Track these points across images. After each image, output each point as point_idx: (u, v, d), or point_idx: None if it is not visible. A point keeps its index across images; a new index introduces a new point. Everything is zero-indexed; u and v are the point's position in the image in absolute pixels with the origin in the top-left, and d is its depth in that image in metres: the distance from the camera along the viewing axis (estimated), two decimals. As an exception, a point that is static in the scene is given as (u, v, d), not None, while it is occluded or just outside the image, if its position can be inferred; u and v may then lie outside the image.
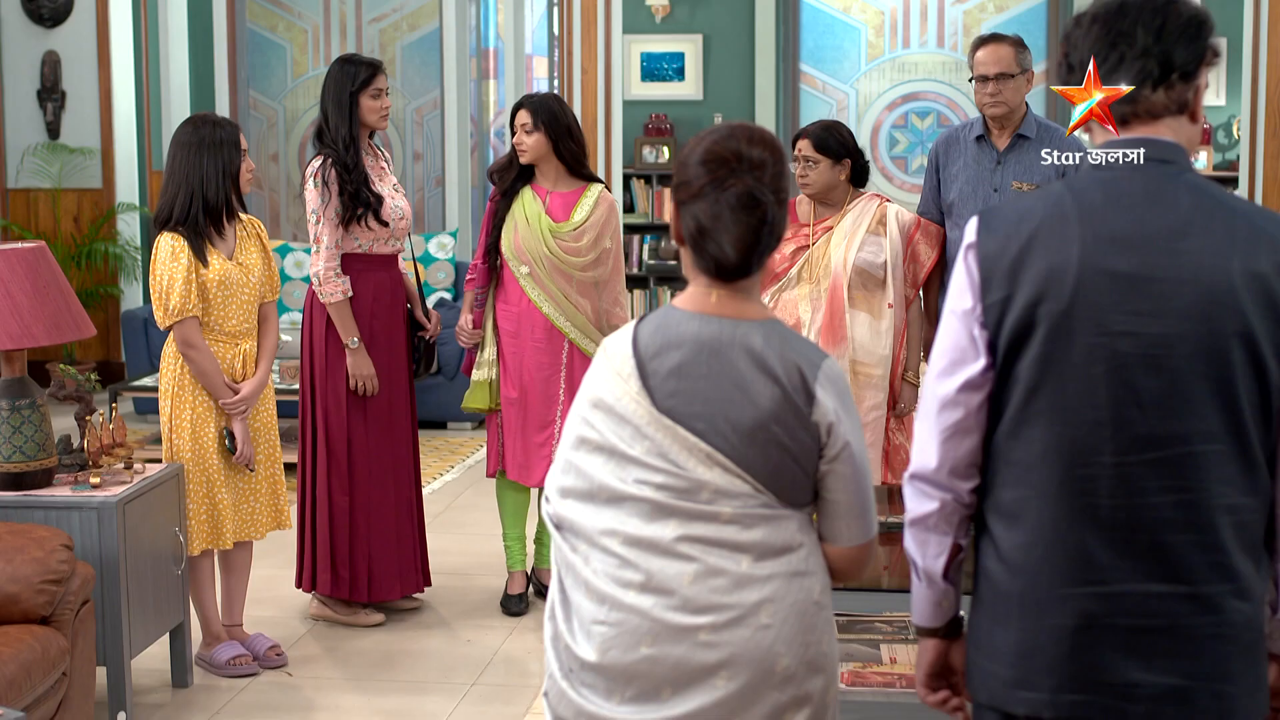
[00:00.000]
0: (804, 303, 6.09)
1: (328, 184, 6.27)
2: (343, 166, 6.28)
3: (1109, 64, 2.75)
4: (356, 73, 6.36)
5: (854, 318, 6.10)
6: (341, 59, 6.48)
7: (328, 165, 6.29)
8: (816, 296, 6.09)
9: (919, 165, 13.63)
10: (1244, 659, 2.75)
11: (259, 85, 12.79)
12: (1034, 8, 13.69)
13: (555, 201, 6.53)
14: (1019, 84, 6.33)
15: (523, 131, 6.48)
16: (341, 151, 6.29)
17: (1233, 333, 2.66)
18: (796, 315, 6.10)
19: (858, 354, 6.10)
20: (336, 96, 6.35)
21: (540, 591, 6.79)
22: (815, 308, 6.09)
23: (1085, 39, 2.78)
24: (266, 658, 6.05)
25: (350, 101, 6.33)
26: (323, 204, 6.27)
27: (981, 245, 2.79)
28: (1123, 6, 2.76)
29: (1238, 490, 2.71)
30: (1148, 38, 2.74)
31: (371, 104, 6.37)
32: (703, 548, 2.98)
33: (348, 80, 6.34)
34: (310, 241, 6.34)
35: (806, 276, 6.12)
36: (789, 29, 13.88)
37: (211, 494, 5.85)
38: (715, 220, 3.00)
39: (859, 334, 6.11)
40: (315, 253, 6.29)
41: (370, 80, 6.36)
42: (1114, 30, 2.75)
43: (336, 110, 6.34)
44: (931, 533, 2.88)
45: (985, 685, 2.85)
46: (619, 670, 3.00)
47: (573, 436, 3.13)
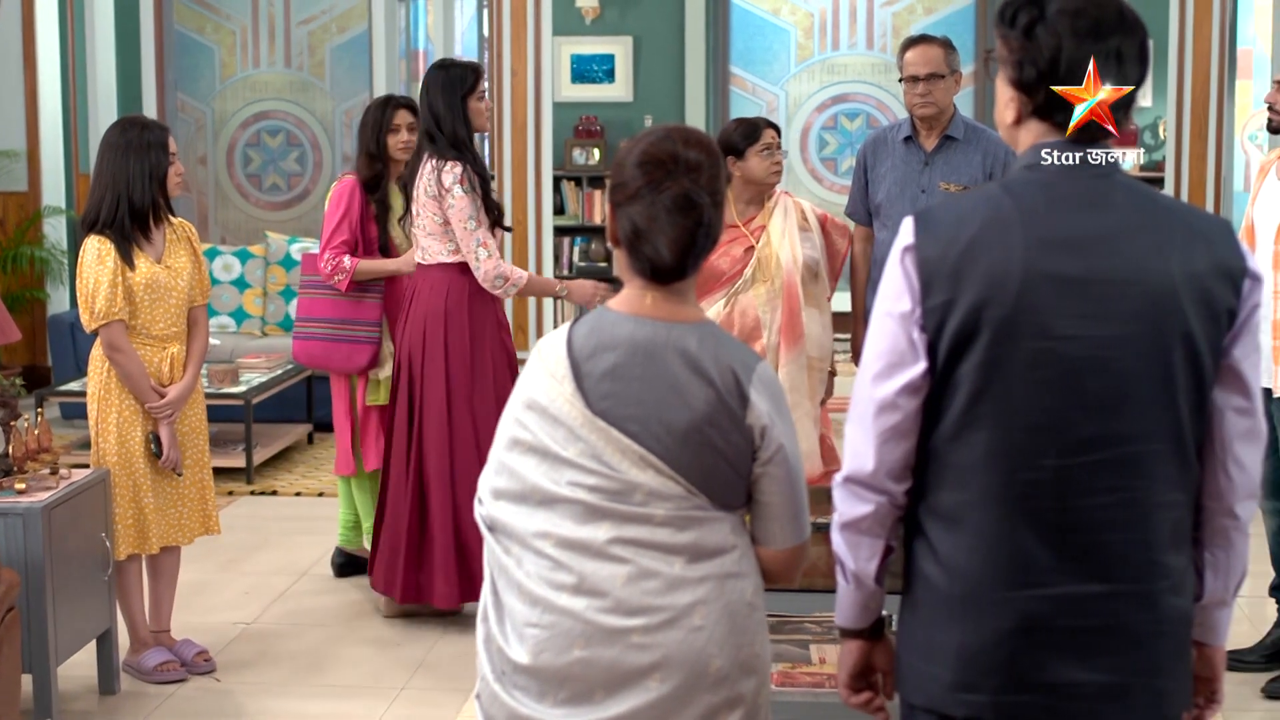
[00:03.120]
0: (762, 304, 6.06)
1: (475, 188, 6.26)
2: (477, 173, 6.30)
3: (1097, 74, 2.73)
4: (464, 76, 6.35)
5: (807, 314, 6.10)
6: (440, 64, 6.47)
7: (469, 170, 6.26)
8: (773, 296, 6.07)
9: (848, 166, 13.67)
10: (1177, 653, 2.79)
11: (187, 87, 12.71)
12: (962, 10, 13.76)
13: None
14: (948, 85, 6.36)
15: (407, 130, 6.81)
16: (471, 158, 6.31)
17: (1174, 333, 2.68)
18: (756, 317, 6.06)
19: (811, 349, 6.11)
20: (448, 101, 6.30)
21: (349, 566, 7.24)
22: (774, 308, 6.06)
23: (1056, 40, 2.73)
24: (195, 664, 6.00)
25: (462, 106, 6.32)
26: (475, 209, 6.25)
27: (921, 248, 2.75)
28: (1100, 24, 2.73)
29: (1173, 487, 2.74)
30: (1135, 66, 2.74)
31: (478, 106, 6.38)
32: (635, 550, 2.98)
33: (456, 84, 6.33)
34: (473, 247, 6.23)
35: (761, 277, 6.09)
36: (719, 31, 13.90)
37: (138, 499, 5.80)
38: (651, 222, 3.00)
39: (811, 329, 6.11)
40: (487, 257, 6.23)
41: (476, 84, 6.38)
42: (1102, 50, 2.72)
43: (450, 114, 6.30)
44: (864, 535, 2.87)
45: (923, 688, 2.84)
46: (551, 672, 3.00)
47: (506, 438, 3.12)
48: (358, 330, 6.86)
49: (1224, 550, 2.86)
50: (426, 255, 6.37)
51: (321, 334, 6.91)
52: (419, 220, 6.36)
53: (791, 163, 13.98)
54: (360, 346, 6.87)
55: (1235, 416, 2.77)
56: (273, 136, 12.75)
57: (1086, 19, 2.71)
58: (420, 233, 6.37)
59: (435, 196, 6.23)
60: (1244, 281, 2.74)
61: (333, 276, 6.78)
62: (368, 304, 6.87)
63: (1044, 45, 2.72)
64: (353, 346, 6.86)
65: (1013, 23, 2.77)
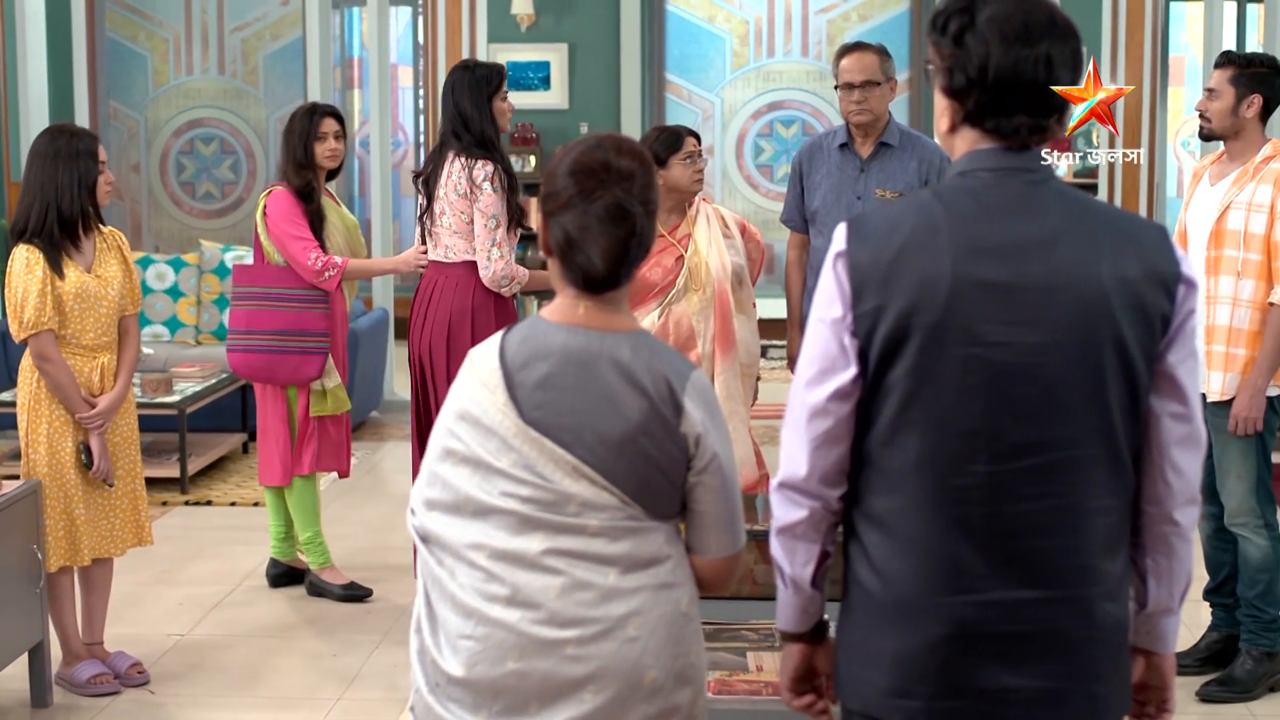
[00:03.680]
0: (696, 314, 6.04)
1: (504, 187, 6.37)
2: (507, 172, 6.41)
3: (1032, 92, 2.72)
4: (489, 76, 6.49)
5: (737, 321, 6.10)
6: (463, 65, 6.59)
7: (500, 170, 6.38)
8: (706, 305, 6.05)
9: (784, 173, 13.69)
10: (1112, 659, 2.79)
11: (120, 95, 12.64)
12: (897, 17, 13.80)
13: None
14: (884, 92, 6.37)
15: (334, 138, 6.82)
16: (500, 157, 6.41)
17: (1106, 339, 2.68)
18: (690, 326, 6.04)
19: (742, 355, 6.11)
20: (474, 100, 6.44)
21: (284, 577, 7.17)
22: (707, 316, 6.05)
23: (985, 47, 2.73)
24: (128, 676, 5.96)
25: (488, 105, 6.43)
26: (502, 208, 6.35)
27: (852, 254, 2.75)
28: (1029, 30, 2.73)
29: (1106, 492, 2.74)
30: (1067, 71, 2.74)
31: (502, 106, 6.52)
32: (570, 561, 2.97)
33: (482, 85, 6.45)
34: (487, 246, 6.35)
35: (693, 286, 6.07)
36: (654, 38, 13.90)
37: (69, 510, 5.75)
38: (584, 232, 2.99)
39: (741, 336, 6.11)
40: (499, 258, 6.35)
41: (500, 85, 6.50)
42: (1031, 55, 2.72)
43: (478, 114, 6.43)
44: (800, 540, 2.86)
45: (859, 693, 2.84)
46: (486, 685, 2.98)
47: (438, 448, 3.10)
48: (306, 341, 6.82)
49: (1166, 557, 2.86)
50: (451, 253, 6.48)
51: (264, 346, 6.83)
52: (444, 218, 6.46)
53: (727, 169, 13.99)
54: (310, 357, 6.83)
55: (1172, 423, 2.77)
56: (206, 144, 12.69)
57: (1015, 24, 2.70)
58: (445, 231, 6.47)
59: (465, 194, 6.35)
60: (1178, 287, 2.73)
61: (322, 274, 6.72)
62: (313, 314, 6.83)
63: (974, 52, 2.72)
64: (301, 358, 6.82)
65: (944, 30, 2.76)
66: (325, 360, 6.86)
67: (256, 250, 6.92)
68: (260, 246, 6.87)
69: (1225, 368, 5.62)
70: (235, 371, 7.08)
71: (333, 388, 6.91)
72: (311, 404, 6.90)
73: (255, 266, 6.90)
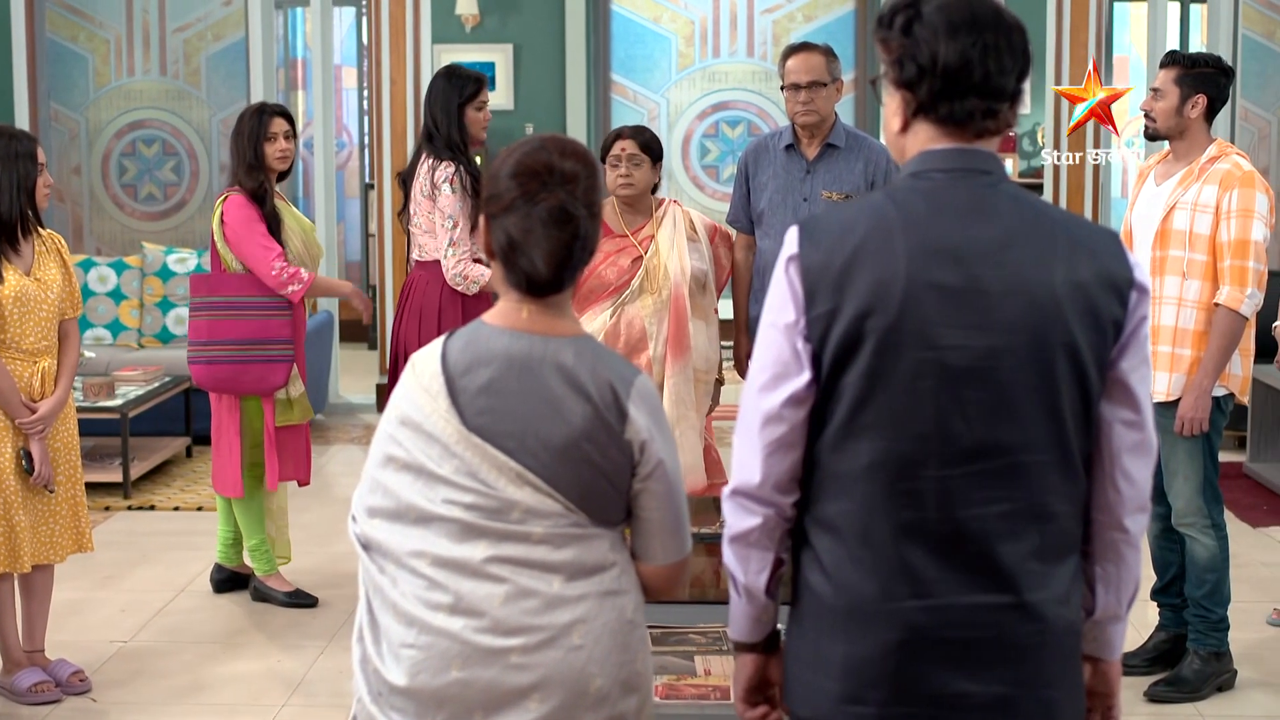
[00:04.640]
0: (649, 316, 6.01)
1: (465, 189, 6.54)
2: (470, 174, 6.56)
3: (983, 75, 2.71)
4: (464, 85, 6.70)
5: (694, 326, 6.07)
6: (447, 71, 6.77)
7: (462, 171, 6.55)
8: (660, 307, 6.02)
9: (730, 174, 13.68)
10: (1064, 664, 2.78)
11: (60, 96, 12.52)
12: (842, 17, 13.80)
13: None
14: (830, 93, 6.36)
15: (284, 138, 6.82)
16: (465, 161, 6.60)
17: (1057, 343, 2.67)
18: (642, 328, 6.02)
19: (697, 361, 6.09)
20: (445, 106, 6.66)
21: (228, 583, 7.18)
22: (660, 319, 6.02)
23: (933, 34, 2.71)
24: (70, 684, 5.90)
25: (458, 112, 6.62)
26: (461, 209, 6.51)
27: (804, 257, 2.73)
28: (976, 18, 2.71)
29: (1059, 498, 2.73)
30: (1015, 59, 2.73)
31: (475, 115, 6.71)
32: (513, 568, 2.94)
33: (455, 92, 6.68)
34: (444, 245, 6.54)
35: (648, 288, 6.03)
36: (600, 39, 13.87)
37: (9, 516, 5.68)
38: (526, 234, 2.96)
39: (698, 342, 6.09)
40: (452, 256, 6.52)
41: (476, 93, 6.70)
42: (979, 42, 2.71)
43: (447, 119, 6.64)
44: (754, 548, 2.84)
45: (809, 700, 2.82)
46: (429, 694, 2.95)
47: (380, 454, 3.07)
48: (271, 349, 6.76)
49: (1114, 564, 2.85)
50: (423, 253, 6.69)
51: (228, 356, 6.74)
52: (415, 218, 6.67)
53: (673, 170, 13.97)
54: (275, 365, 6.77)
55: (1123, 429, 2.76)
56: (148, 146, 12.58)
57: (962, 13, 2.70)
58: (417, 230, 6.68)
59: (429, 195, 6.56)
60: (1130, 293, 2.72)
61: (287, 286, 6.67)
62: (277, 322, 6.76)
63: (922, 40, 2.71)
64: (266, 366, 6.75)
65: (891, 25, 2.76)
66: (291, 368, 6.80)
67: (214, 259, 6.82)
68: (218, 255, 6.78)
69: (1171, 368, 5.63)
70: (199, 384, 6.93)
71: (298, 396, 6.89)
72: (277, 414, 6.85)
73: (214, 275, 6.82)
